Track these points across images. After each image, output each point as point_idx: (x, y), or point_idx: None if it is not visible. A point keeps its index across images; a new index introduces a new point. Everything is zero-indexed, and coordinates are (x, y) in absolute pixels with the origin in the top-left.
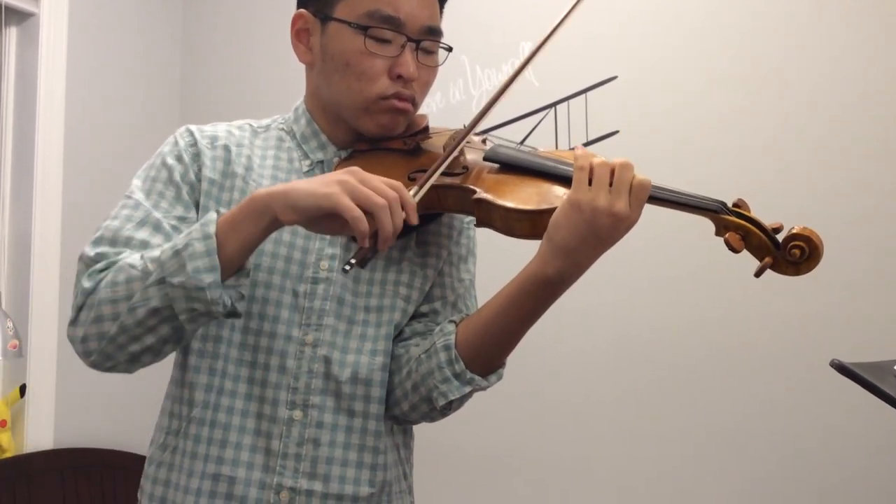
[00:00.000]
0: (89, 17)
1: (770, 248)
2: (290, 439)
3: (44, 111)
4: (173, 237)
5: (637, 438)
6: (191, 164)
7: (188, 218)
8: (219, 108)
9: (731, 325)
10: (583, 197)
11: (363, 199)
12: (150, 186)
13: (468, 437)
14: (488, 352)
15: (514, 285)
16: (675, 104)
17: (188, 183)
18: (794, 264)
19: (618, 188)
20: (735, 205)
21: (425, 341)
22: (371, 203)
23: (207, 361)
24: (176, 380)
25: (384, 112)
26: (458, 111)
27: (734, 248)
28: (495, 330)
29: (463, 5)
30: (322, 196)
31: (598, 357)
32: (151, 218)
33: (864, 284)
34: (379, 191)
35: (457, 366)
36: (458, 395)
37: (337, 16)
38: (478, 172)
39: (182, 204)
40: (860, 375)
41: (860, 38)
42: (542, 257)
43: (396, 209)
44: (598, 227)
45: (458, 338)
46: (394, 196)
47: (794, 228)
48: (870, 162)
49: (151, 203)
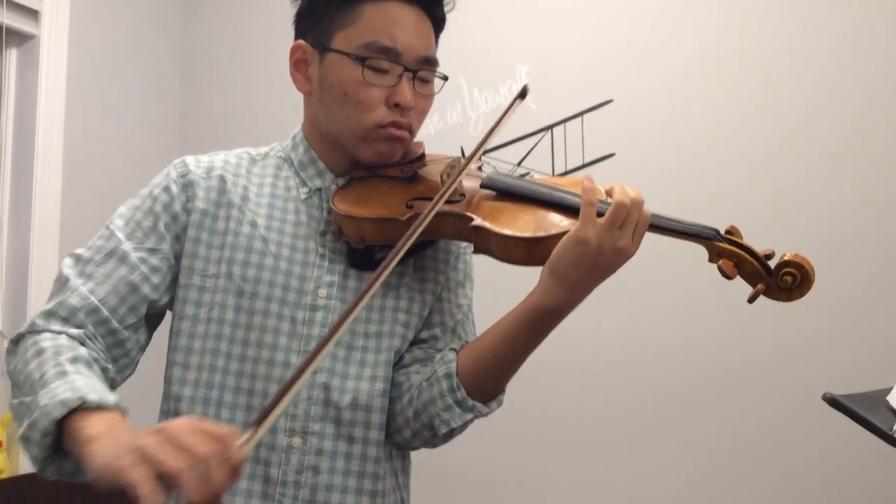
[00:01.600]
0: (89, 40)
1: (762, 274)
2: (289, 466)
3: (43, 133)
4: (140, 268)
5: (634, 460)
6: (178, 195)
7: (159, 250)
8: (217, 132)
9: (726, 347)
10: (590, 234)
11: (160, 466)
12: (131, 215)
13: (465, 459)
14: (489, 379)
15: (515, 316)
16: (670, 127)
17: (170, 214)
18: (786, 290)
19: (626, 225)
20: (728, 232)
21: (426, 369)
22: (170, 471)
23: (202, 391)
24: (167, 411)
25: (382, 140)
26: (456, 133)
27: (727, 275)
28: (496, 358)
29: (460, 29)
30: (114, 470)
31: (594, 379)
32: (119, 250)
33: (860, 307)
34: (188, 451)
35: (458, 393)
36: (461, 423)
37: (335, 47)
38: (475, 199)
39: (156, 236)
40: (851, 409)
41: (855, 63)
42: (543, 289)
43: (211, 469)
44: (601, 261)
45: (459, 365)
46: (206, 455)
47: (785, 255)
48: (864, 186)
49: (127, 232)
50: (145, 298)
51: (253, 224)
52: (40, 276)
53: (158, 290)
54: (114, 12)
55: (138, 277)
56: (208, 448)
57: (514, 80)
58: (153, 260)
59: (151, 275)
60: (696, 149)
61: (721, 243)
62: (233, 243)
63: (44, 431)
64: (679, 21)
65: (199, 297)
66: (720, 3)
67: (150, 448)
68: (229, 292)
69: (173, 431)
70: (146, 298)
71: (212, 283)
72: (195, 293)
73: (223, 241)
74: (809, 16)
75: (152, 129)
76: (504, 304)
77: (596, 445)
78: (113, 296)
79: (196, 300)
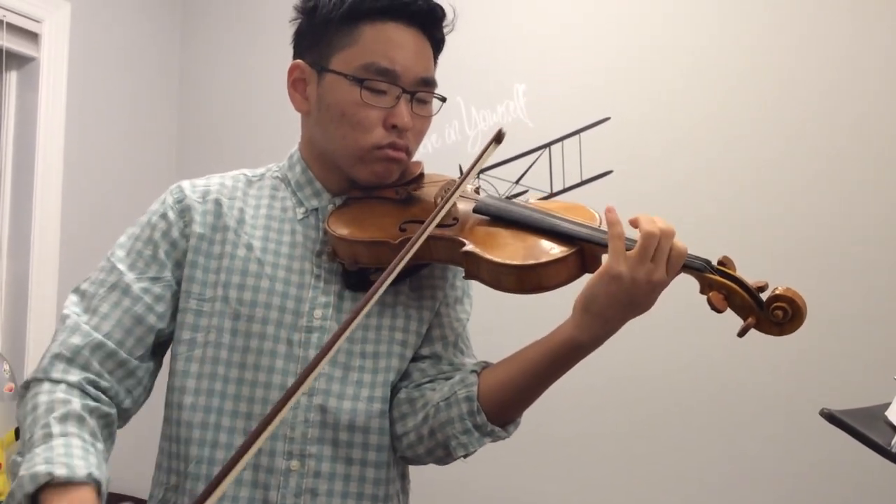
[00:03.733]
0: (89, 62)
1: (753, 308)
2: (287, 490)
3: (43, 155)
4: (144, 298)
5: (634, 478)
6: (176, 222)
7: (161, 278)
8: (216, 154)
9: (725, 364)
10: (622, 269)
11: None
12: (132, 245)
13: (465, 478)
14: (511, 406)
15: (544, 348)
16: (667, 145)
17: (169, 241)
18: (777, 325)
19: (657, 257)
20: (720, 262)
21: (443, 387)
22: None
23: (200, 415)
24: (168, 435)
25: (379, 161)
26: (454, 151)
27: (717, 308)
28: (520, 387)
29: (458, 48)
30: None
31: (594, 397)
32: (121, 283)
33: (859, 324)
34: None
35: (478, 418)
36: (478, 447)
37: (333, 67)
38: (468, 224)
39: (157, 264)
40: (849, 424)
41: (853, 81)
42: (577, 325)
43: None
44: (635, 295)
45: (481, 389)
46: None
47: (777, 289)
48: (862, 203)
49: (128, 263)
50: (151, 328)
51: (248, 247)
52: (40, 296)
53: (164, 318)
54: (113, 34)
55: (142, 309)
56: None
57: (511, 98)
58: (156, 289)
59: (155, 304)
60: (693, 166)
61: (712, 275)
62: (228, 267)
63: (24, 497)
64: (676, 40)
65: (195, 321)
66: (717, 22)
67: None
68: (225, 316)
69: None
70: (153, 328)
71: (208, 307)
72: (192, 317)
73: (219, 264)
74: (806, 35)
75: (151, 151)
76: (504, 324)
77: (596, 463)
78: (118, 329)
79: (193, 324)
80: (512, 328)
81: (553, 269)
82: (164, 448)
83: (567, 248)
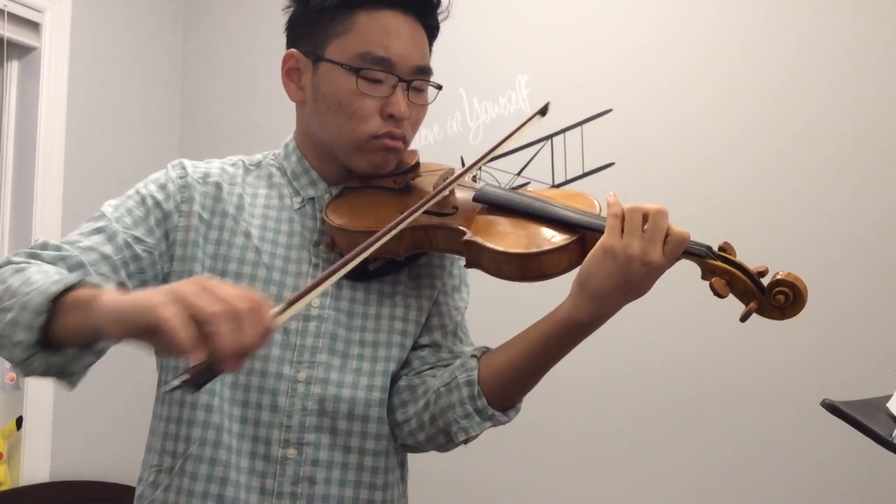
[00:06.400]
0: (90, 52)
1: (755, 293)
2: (284, 478)
3: (44, 144)
4: (124, 251)
5: (636, 470)
6: (174, 194)
7: (145, 241)
8: (218, 142)
9: (727, 356)
10: (616, 244)
11: (194, 308)
12: (123, 202)
13: (466, 469)
14: (512, 389)
15: (543, 328)
16: (669, 137)
17: (162, 210)
18: (779, 309)
19: (652, 236)
20: (721, 248)
21: (444, 373)
22: (204, 313)
23: (204, 397)
24: (165, 416)
25: (376, 150)
26: (456, 142)
27: (719, 294)
28: (521, 369)
29: (460, 39)
30: (143, 308)
31: (596, 390)
32: (109, 228)
33: (861, 315)
34: (224, 301)
35: (479, 402)
36: (479, 431)
37: (328, 56)
38: (468, 213)
39: (145, 226)
40: (850, 415)
41: (856, 73)
42: (573, 303)
43: (244, 323)
44: (630, 275)
45: (481, 373)
46: (241, 309)
47: (778, 274)
48: (864, 196)
49: (116, 216)
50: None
51: (246, 235)
52: None
53: (132, 279)
54: (115, 24)
55: (119, 261)
56: (244, 304)
57: (513, 89)
58: (137, 248)
59: (131, 262)
60: (695, 158)
61: (713, 261)
62: (226, 254)
63: (37, 310)
64: (678, 31)
65: None
66: (719, 14)
67: (186, 291)
68: None
69: (211, 283)
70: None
71: None
72: None
73: (216, 250)
74: (809, 26)
75: (153, 140)
76: (501, 313)
77: (598, 456)
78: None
79: None
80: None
81: (555, 256)
82: (158, 429)
83: (568, 235)
